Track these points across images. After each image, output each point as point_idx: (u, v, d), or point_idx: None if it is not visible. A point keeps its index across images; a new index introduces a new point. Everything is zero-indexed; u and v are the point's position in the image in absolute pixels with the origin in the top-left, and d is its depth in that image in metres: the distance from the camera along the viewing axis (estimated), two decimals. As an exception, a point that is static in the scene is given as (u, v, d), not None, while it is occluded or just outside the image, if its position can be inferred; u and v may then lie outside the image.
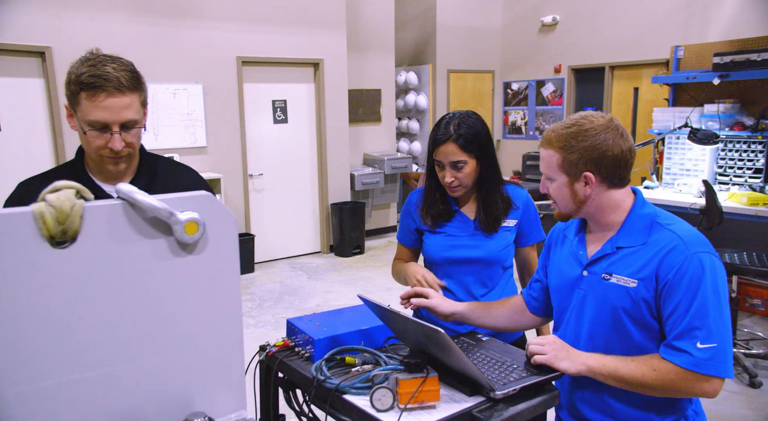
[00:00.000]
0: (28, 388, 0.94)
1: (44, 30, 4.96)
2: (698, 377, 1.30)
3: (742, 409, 3.23)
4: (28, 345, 0.94)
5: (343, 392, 1.33)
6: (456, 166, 1.83)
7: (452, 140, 1.81)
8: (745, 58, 4.44)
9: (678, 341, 1.32)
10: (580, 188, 1.42)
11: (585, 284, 1.48)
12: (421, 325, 1.30)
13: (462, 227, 1.94)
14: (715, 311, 1.31)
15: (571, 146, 1.40)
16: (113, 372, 1.02)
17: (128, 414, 1.04)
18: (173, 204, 1.03)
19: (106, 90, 1.42)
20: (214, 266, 1.10)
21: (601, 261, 1.45)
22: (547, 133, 1.45)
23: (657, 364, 1.33)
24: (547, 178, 1.47)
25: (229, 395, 1.15)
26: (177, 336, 1.08)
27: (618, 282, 1.41)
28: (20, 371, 0.94)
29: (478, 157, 1.85)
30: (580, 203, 1.45)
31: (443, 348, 1.29)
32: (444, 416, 1.24)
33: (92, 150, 1.49)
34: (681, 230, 1.39)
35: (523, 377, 1.37)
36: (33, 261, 0.93)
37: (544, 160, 1.45)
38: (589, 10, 8.16)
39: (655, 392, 1.36)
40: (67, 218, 0.94)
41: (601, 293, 1.44)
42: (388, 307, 1.38)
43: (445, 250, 1.93)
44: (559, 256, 1.60)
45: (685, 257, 1.33)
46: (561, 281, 1.56)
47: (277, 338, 1.58)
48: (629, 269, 1.40)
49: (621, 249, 1.43)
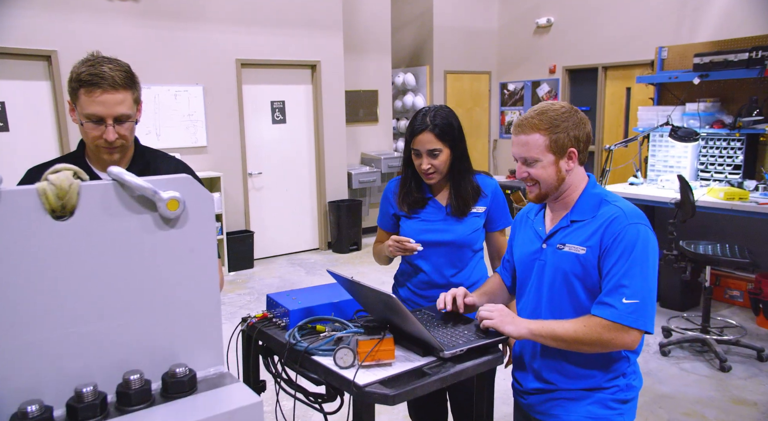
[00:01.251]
0: (31, 338, 1.12)
1: (50, 34, 5.17)
2: (621, 329, 1.47)
3: (711, 391, 3.39)
4: (30, 302, 1.12)
5: (311, 354, 1.51)
6: (432, 154, 2.03)
7: (429, 130, 2.01)
8: (723, 58, 4.60)
9: (607, 297, 1.51)
10: (564, 165, 1.61)
11: (544, 255, 1.67)
12: (377, 292, 1.48)
13: (435, 213, 2.13)
14: (641, 273, 1.49)
15: (557, 127, 1.57)
16: (106, 328, 1.20)
17: (120, 364, 1.22)
18: (157, 184, 1.21)
19: (102, 87, 1.63)
20: (194, 238, 1.28)
21: (557, 234, 1.65)
22: (527, 120, 1.60)
23: (587, 321, 1.51)
24: (529, 161, 1.61)
25: (208, 351, 1.32)
26: (162, 298, 1.26)
27: (570, 250, 1.60)
28: (26, 324, 1.11)
29: (452, 146, 2.05)
30: (561, 180, 1.62)
31: (397, 312, 1.47)
32: (397, 372, 1.42)
33: (89, 140, 1.69)
34: (623, 205, 1.60)
35: (471, 340, 1.55)
36: (37, 231, 1.11)
37: (528, 144, 1.59)
38: (583, 11, 8.33)
39: (587, 347, 1.52)
40: (66, 195, 1.12)
41: (556, 261, 1.63)
42: (351, 278, 1.55)
43: (419, 233, 2.11)
44: (522, 234, 1.80)
45: (624, 226, 1.53)
46: (523, 255, 1.75)
47: (258, 311, 1.76)
48: (579, 238, 1.60)
49: (574, 222, 1.63)
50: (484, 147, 9.97)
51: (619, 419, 1.61)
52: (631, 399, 1.64)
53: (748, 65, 4.48)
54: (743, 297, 4.73)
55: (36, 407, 1.05)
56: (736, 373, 3.60)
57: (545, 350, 1.64)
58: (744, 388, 3.42)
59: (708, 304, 3.90)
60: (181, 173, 1.76)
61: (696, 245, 3.98)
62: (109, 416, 1.14)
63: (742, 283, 4.73)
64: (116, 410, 1.16)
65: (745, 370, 3.65)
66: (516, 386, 1.78)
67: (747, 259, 3.69)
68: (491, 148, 10.03)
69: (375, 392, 1.34)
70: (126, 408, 1.16)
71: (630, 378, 1.64)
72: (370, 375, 1.40)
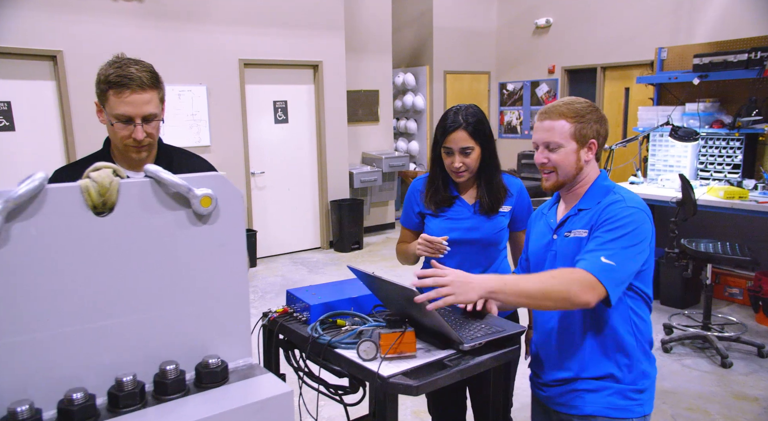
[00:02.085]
0: (74, 328, 1.16)
1: (56, 35, 5.20)
2: (590, 283, 1.47)
3: (713, 387, 3.45)
4: (73, 295, 1.16)
5: (334, 347, 1.55)
6: (464, 152, 2.05)
7: (462, 128, 2.03)
8: (722, 59, 4.66)
9: (586, 254, 1.55)
10: (584, 154, 1.67)
11: (555, 245, 1.72)
12: (400, 287, 1.52)
13: (462, 212, 2.15)
14: (626, 247, 1.53)
15: (582, 117, 1.65)
16: (143, 320, 1.24)
17: (156, 355, 1.26)
18: (191, 182, 1.25)
19: (130, 87, 1.68)
20: (225, 234, 1.32)
21: (566, 223, 1.71)
22: (555, 108, 1.67)
23: (557, 272, 1.54)
24: (552, 146, 1.66)
25: (237, 343, 1.37)
26: (194, 292, 1.30)
27: (575, 235, 1.66)
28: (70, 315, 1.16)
29: (482, 144, 2.08)
30: (579, 170, 1.68)
31: (418, 307, 1.51)
32: (419, 364, 1.47)
33: (118, 140, 1.73)
34: (627, 194, 1.66)
35: (489, 333, 1.60)
36: (79, 226, 1.15)
37: (554, 129, 1.65)
38: (582, 12, 8.39)
39: (551, 302, 1.49)
40: (107, 191, 1.17)
41: (565, 249, 1.68)
42: (372, 273, 1.60)
43: (446, 231, 2.12)
44: (536, 230, 1.85)
45: (621, 207, 1.60)
46: (537, 248, 1.80)
47: (278, 306, 1.81)
48: (582, 222, 1.66)
49: (581, 211, 1.69)
50: (484, 147, 10.01)
51: (638, 409, 1.64)
52: (648, 388, 1.67)
53: (747, 66, 4.54)
54: (743, 295, 4.80)
55: (81, 395, 1.10)
56: (737, 369, 3.66)
57: (562, 340, 1.68)
58: (745, 384, 3.48)
59: (709, 301, 3.97)
60: (201, 170, 1.83)
61: (697, 243, 4.05)
62: (148, 405, 1.18)
63: (742, 281, 4.80)
64: (153, 399, 1.20)
65: (745, 366, 3.71)
66: (534, 379, 1.81)
67: (747, 257, 3.75)
68: (490, 147, 10.07)
69: (399, 383, 1.39)
70: (163, 397, 1.20)
71: (645, 364, 1.67)
72: (393, 367, 1.45)
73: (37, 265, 1.10)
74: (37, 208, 1.10)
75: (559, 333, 1.70)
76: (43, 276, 1.11)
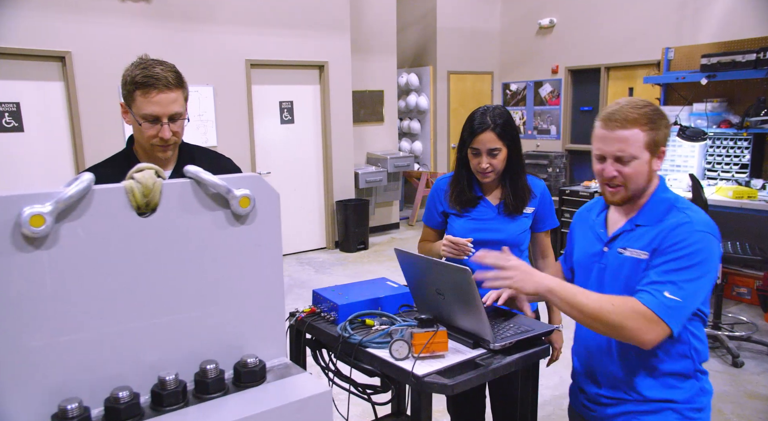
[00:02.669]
0: (119, 328, 1.17)
1: (64, 35, 5.20)
2: (651, 320, 1.38)
3: (726, 386, 3.47)
4: (117, 295, 1.17)
5: (365, 347, 1.56)
6: (492, 153, 2.04)
7: (491, 129, 2.03)
8: (730, 59, 4.67)
9: (649, 286, 1.43)
10: (655, 164, 1.52)
11: (605, 259, 1.61)
12: (451, 267, 1.53)
13: (486, 212, 2.15)
14: (693, 279, 1.41)
15: (654, 123, 1.49)
16: (183, 319, 1.25)
17: (195, 354, 1.27)
18: (230, 182, 1.27)
19: (157, 87, 1.70)
20: (262, 234, 1.33)
21: (619, 237, 1.58)
22: (625, 115, 1.48)
23: (617, 300, 1.42)
24: (626, 159, 1.49)
25: (273, 342, 1.38)
26: (231, 291, 1.31)
27: (631, 254, 1.53)
28: (114, 315, 1.17)
29: (510, 146, 2.07)
30: (649, 181, 1.53)
31: (464, 289, 1.50)
32: (452, 363, 1.48)
33: (145, 140, 1.75)
34: (694, 213, 1.51)
35: (518, 333, 1.61)
36: (124, 227, 1.16)
37: (628, 140, 1.47)
38: (585, 12, 8.40)
39: (602, 326, 1.42)
40: (150, 192, 1.18)
41: (618, 266, 1.56)
42: (422, 255, 1.62)
43: (470, 232, 2.12)
44: (582, 234, 1.74)
45: (689, 231, 1.45)
46: (583, 257, 1.70)
47: (305, 306, 1.82)
48: (641, 242, 1.52)
49: (639, 227, 1.55)
50: (487, 147, 10.03)
51: None
52: (706, 405, 1.59)
53: (756, 66, 4.55)
54: (751, 294, 4.81)
55: (127, 393, 1.11)
56: (748, 368, 3.68)
57: (619, 357, 1.57)
58: (757, 383, 3.49)
59: (720, 301, 3.98)
60: (231, 171, 1.85)
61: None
62: (189, 404, 1.19)
63: (750, 280, 4.81)
64: (194, 398, 1.21)
65: (757, 365, 3.72)
66: (577, 392, 1.72)
67: (759, 256, 3.77)
68: (494, 148, 10.09)
69: (434, 382, 1.40)
70: (203, 396, 1.21)
71: (702, 381, 1.59)
72: (426, 366, 1.46)
73: (83, 265, 1.11)
74: (84, 210, 1.11)
75: (615, 350, 1.58)
76: (89, 277, 1.12)
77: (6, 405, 1.05)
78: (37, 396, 1.09)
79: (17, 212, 1.03)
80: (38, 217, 1.04)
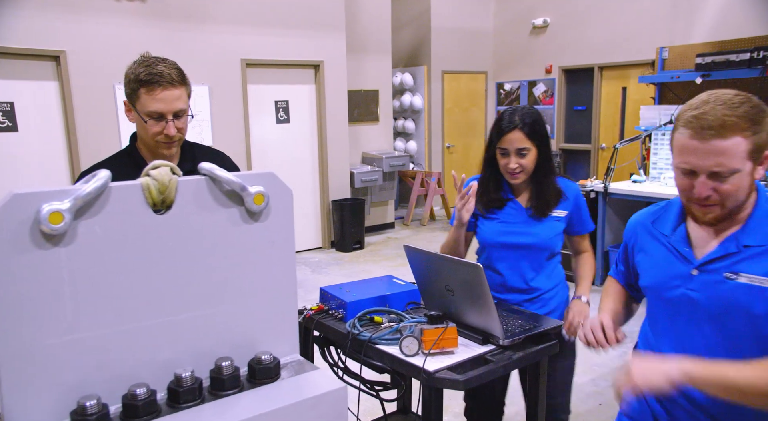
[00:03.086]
0: (135, 325, 1.18)
1: (59, 35, 5.17)
2: None
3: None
4: (133, 292, 1.18)
5: (375, 343, 1.57)
6: (520, 154, 2.00)
7: (519, 129, 1.99)
8: (725, 58, 4.72)
9: None
10: (757, 173, 1.24)
11: (694, 284, 1.32)
12: (462, 263, 1.55)
13: (515, 215, 2.09)
14: None
15: (757, 124, 1.19)
16: (198, 316, 1.26)
17: (210, 351, 1.27)
18: (244, 179, 1.27)
19: (162, 84, 1.72)
20: (275, 231, 1.34)
21: (721, 260, 1.29)
22: (722, 119, 1.18)
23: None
24: (725, 174, 1.21)
25: (286, 339, 1.38)
26: (245, 288, 1.31)
27: (750, 282, 1.24)
28: (130, 312, 1.17)
29: (539, 146, 2.03)
30: (749, 194, 1.26)
31: (475, 285, 1.52)
32: (462, 359, 1.49)
33: (150, 137, 1.76)
34: None
35: (526, 329, 1.62)
36: (140, 224, 1.16)
37: (727, 152, 1.18)
38: (579, 12, 8.45)
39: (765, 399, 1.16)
40: (167, 189, 1.18)
41: (726, 295, 1.27)
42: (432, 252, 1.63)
43: (499, 235, 2.08)
44: (652, 251, 1.43)
45: None
46: (660, 279, 1.39)
47: (312, 303, 1.82)
48: (762, 266, 1.24)
49: (749, 248, 1.27)
50: (480, 146, 10.05)
51: None
52: None
53: (750, 65, 4.61)
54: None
55: (144, 390, 1.11)
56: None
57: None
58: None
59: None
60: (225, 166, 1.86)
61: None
62: (205, 401, 1.19)
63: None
64: (210, 394, 1.21)
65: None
66: None
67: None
68: (488, 147, 10.13)
69: (446, 377, 1.41)
70: (219, 393, 1.21)
71: None
72: (437, 362, 1.47)
73: (100, 263, 1.11)
74: (102, 207, 1.11)
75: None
76: (105, 274, 1.12)
77: (24, 402, 1.05)
78: (55, 393, 1.09)
79: (36, 209, 1.03)
80: (57, 214, 1.04)
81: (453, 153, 9.69)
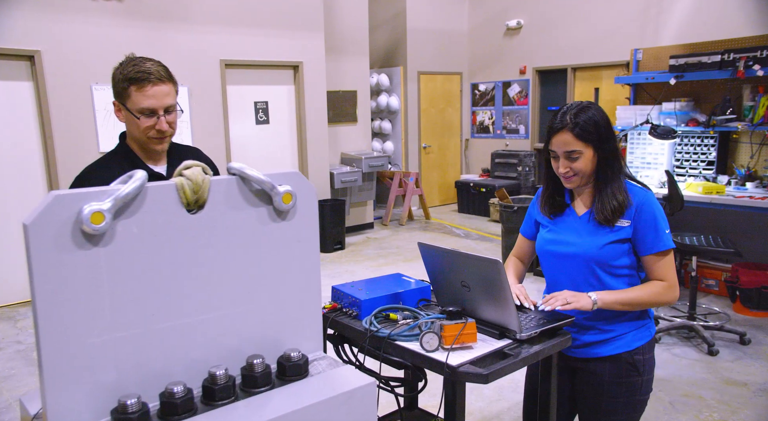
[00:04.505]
0: (169, 324, 1.18)
1: (34, 34, 5.05)
2: None
3: (704, 374, 3.62)
4: (168, 291, 1.18)
5: (394, 340, 1.59)
6: (570, 157, 1.78)
7: (568, 129, 1.76)
8: (697, 60, 4.87)
9: None
10: None
11: None
12: (480, 259, 1.57)
13: (569, 222, 1.90)
14: None
15: None
16: (229, 314, 1.26)
17: (240, 349, 1.28)
18: (273, 179, 1.28)
19: (151, 81, 1.76)
20: (301, 230, 1.35)
21: None
22: None
23: None
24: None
25: (312, 337, 1.40)
26: (274, 287, 1.32)
27: None
28: (165, 311, 1.17)
29: (596, 147, 1.78)
30: None
31: (493, 281, 1.55)
32: (482, 353, 1.52)
33: (141, 133, 1.79)
34: None
35: (541, 323, 1.66)
36: (174, 223, 1.17)
37: None
38: (552, 14, 8.60)
39: None
40: (200, 189, 1.18)
41: None
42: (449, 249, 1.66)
43: (547, 244, 1.93)
44: None
45: None
46: None
47: (325, 301, 1.83)
48: None
49: None
50: (456, 146, 10.17)
51: None
52: None
53: (721, 67, 4.75)
54: (718, 286, 5.02)
55: (181, 388, 1.11)
56: (723, 356, 3.84)
57: None
58: (732, 370, 3.65)
59: (694, 292, 4.14)
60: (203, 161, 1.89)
61: (682, 236, 4.22)
62: (238, 398, 1.20)
63: (718, 272, 5.02)
64: (242, 392, 1.22)
65: (730, 353, 3.89)
66: None
67: (731, 248, 3.94)
68: (463, 147, 10.24)
69: (469, 371, 1.43)
70: (251, 390, 1.22)
71: None
72: (458, 357, 1.50)
73: (137, 262, 1.12)
74: (138, 207, 1.11)
75: None
76: (142, 273, 1.12)
77: (66, 401, 1.05)
78: (95, 392, 1.09)
79: (76, 210, 1.03)
80: (98, 214, 1.04)
81: (429, 153, 9.76)
